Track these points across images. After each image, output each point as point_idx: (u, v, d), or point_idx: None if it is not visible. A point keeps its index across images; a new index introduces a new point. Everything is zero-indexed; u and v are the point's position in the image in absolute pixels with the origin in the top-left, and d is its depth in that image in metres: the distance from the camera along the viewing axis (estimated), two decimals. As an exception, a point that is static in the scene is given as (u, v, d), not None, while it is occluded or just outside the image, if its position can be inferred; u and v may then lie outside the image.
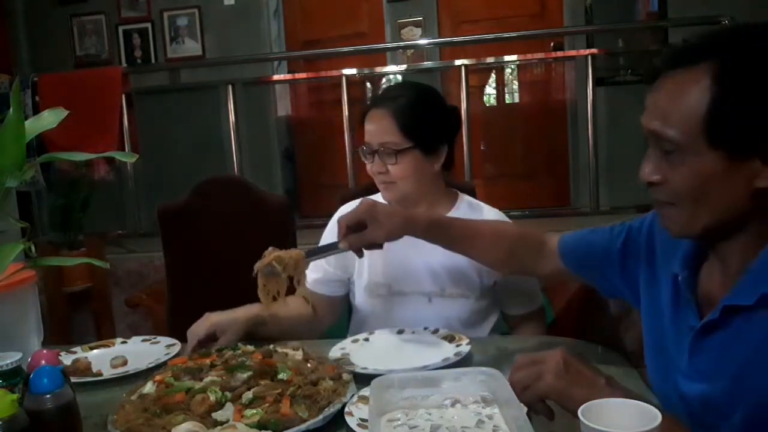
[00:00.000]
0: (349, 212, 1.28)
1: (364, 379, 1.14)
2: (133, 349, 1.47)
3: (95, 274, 3.38)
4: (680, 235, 0.95)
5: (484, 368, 0.98)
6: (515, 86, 4.18)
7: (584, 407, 0.74)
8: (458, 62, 3.53)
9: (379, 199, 1.48)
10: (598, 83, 3.41)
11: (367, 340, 1.43)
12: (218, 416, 1.02)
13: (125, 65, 4.25)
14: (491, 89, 4.19)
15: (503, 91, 4.20)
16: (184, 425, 0.95)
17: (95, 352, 1.47)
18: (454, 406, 0.95)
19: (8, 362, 0.94)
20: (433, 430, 0.90)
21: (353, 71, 3.67)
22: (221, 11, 4.17)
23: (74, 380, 1.10)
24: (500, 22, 3.91)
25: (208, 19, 4.20)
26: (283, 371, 1.14)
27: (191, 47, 4.24)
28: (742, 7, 3.23)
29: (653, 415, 0.72)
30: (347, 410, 1.05)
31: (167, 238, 2.18)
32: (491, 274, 1.50)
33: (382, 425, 0.90)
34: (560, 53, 3.89)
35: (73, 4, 4.34)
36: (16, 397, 0.83)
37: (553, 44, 3.93)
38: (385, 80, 3.99)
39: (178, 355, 1.39)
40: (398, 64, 3.99)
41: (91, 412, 1.08)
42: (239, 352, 1.25)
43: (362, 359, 1.30)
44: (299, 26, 4.31)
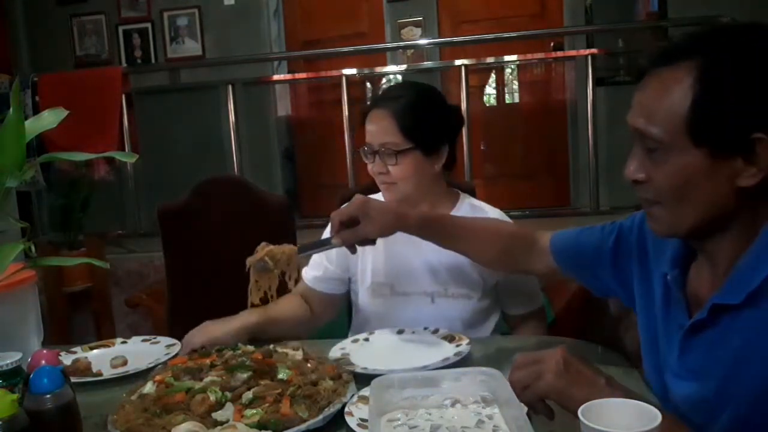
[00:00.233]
0: (342, 208, 1.28)
1: (364, 379, 1.14)
2: (133, 349, 1.47)
3: (95, 274, 3.38)
4: (667, 235, 0.95)
5: (484, 368, 0.98)
6: (515, 86, 4.18)
7: (584, 407, 0.74)
8: (458, 62, 3.53)
9: (380, 198, 1.48)
10: (598, 83, 3.41)
11: (367, 340, 1.43)
12: (218, 416, 1.03)
13: (125, 65, 4.25)
14: (491, 89, 4.19)
15: (503, 91, 4.20)
16: (184, 425, 0.96)
17: (95, 352, 1.48)
18: (454, 406, 0.95)
19: (8, 362, 0.94)
20: (433, 430, 0.90)
21: (353, 71, 3.67)
22: (221, 11, 4.17)
23: (74, 380, 1.10)
24: (500, 22, 3.91)
25: (208, 19, 4.20)
26: (283, 371, 1.14)
27: (191, 47, 4.24)
28: (742, 7, 3.23)
29: (653, 415, 0.72)
30: (347, 410, 1.05)
31: (167, 238, 2.18)
32: (493, 273, 1.50)
33: (382, 425, 0.90)
34: (560, 53, 3.88)
35: (73, 4, 4.34)
36: (16, 397, 0.83)
37: (553, 44, 3.93)
38: (385, 80, 3.99)
39: (177, 355, 1.39)
40: (398, 64, 3.99)
41: (91, 412, 1.08)
42: (239, 352, 1.25)
43: (362, 359, 1.30)
44: (299, 26, 4.30)
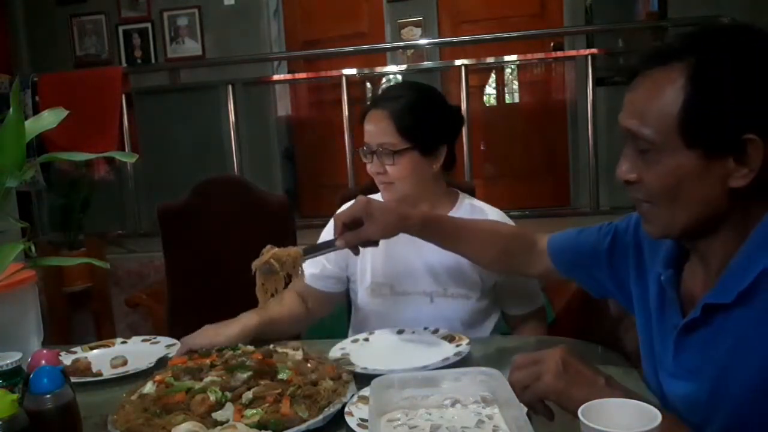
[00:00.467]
0: (345, 209, 1.28)
1: (364, 379, 1.14)
2: (133, 349, 1.47)
3: (95, 274, 3.38)
4: (660, 236, 0.95)
5: (484, 368, 0.98)
6: (515, 86, 4.18)
7: (584, 407, 0.74)
8: (458, 62, 3.53)
9: (379, 198, 1.48)
10: (598, 83, 3.40)
11: (367, 340, 1.43)
12: (218, 416, 1.02)
13: (125, 65, 4.25)
14: (491, 89, 4.19)
15: (503, 91, 4.20)
16: (184, 425, 0.95)
17: (95, 352, 1.48)
18: (454, 406, 0.95)
19: (8, 362, 0.94)
20: (433, 430, 0.90)
21: (353, 71, 3.67)
22: (221, 11, 4.17)
23: (74, 380, 1.10)
24: (500, 22, 3.91)
25: (208, 19, 4.20)
26: (283, 371, 1.14)
27: (191, 47, 4.24)
28: (742, 7, 3.23)
29: (653, 415, 0.72)
30: (347, 410, 1.05)
31: (167, 238, 2.18)
32: (492, 274, 1.50)
33: (382, 425, 0.90)
34: (560, 53, 3.89)
35: (73, 4, 4.34)
36: (16, 397, 0.83)
37: (553, 44, 3.93)
38: (385, 80, 3.99)
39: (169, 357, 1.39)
40: (398, 64, 3.99)
41: (91, 412, 1.08)
42: (239, 352, 1.25)
43: (362, 359, 1.30)
44: (299, 26, 4.31)
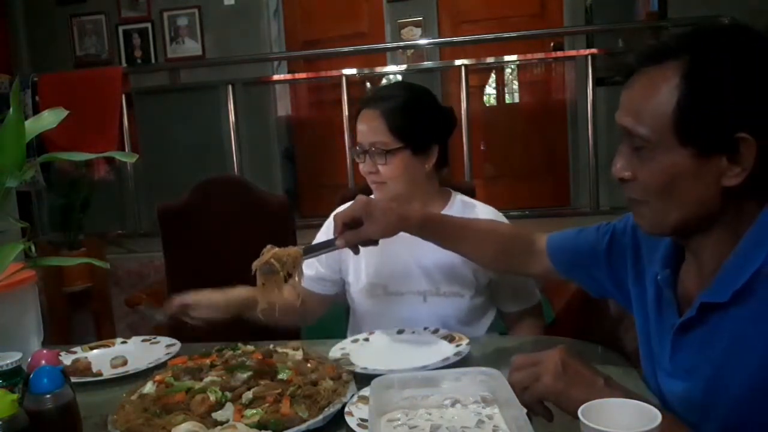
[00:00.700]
0: (344, 209, 1.28)
1: (364, 379, 1.14)
2: (133, 349, 1.48)
3: (95, 274, 3.38)
4: (652, 232, 0.95)
5: (484, 368, 0.98)
6: (515, 86, 4.18)
7: (584, 407, 0.74)
8: (458, 62, 3.53)
9: None
10: (598, 83, 3.40)
11: (367, 340, 1.43)
12: (218, 416, 1.02)
13: (125, 65, 4.25)
14: (491, 89, 4.19)
15: (503, 91, 4.20)
16: (184, 425, 0.95)
17: (95, 352, 1.48)
18: (454, 406, 0.95)
19: (8, 362, 0.94)
20: (433, 430, 0.90)
21: (353, 71, 3.67)
22: (221, 11, 4.17)
23: (74, 380, 1.10)
24: (500, 22, 3.91)
25: (208, 19, 4.20)
26: (283, 371, 1.14)
27: (191, 47, 4.24)
28: (742, 7, 3.23)
29: (653, 415, 0.72)
30: (347, 410, 1.05)
31: (167, 238, 2.18)
32: (486, 272, 1.51)
33: (382, 425, 0.90)
34: (560, 53, 3.89)
35: (73, 4, 4.34)
36: (16, 397, 0.83)
37: (553, 44, 3.93)
38: (385, 80, 3.99)
39: (177, 355, 1.39)
40: (398, 64, 3.99)
41: (91, 412, 1.08)
42: (239, 352, 1.25)
43: (362, 359, 1.30)
44: (299, 26, 4.30)
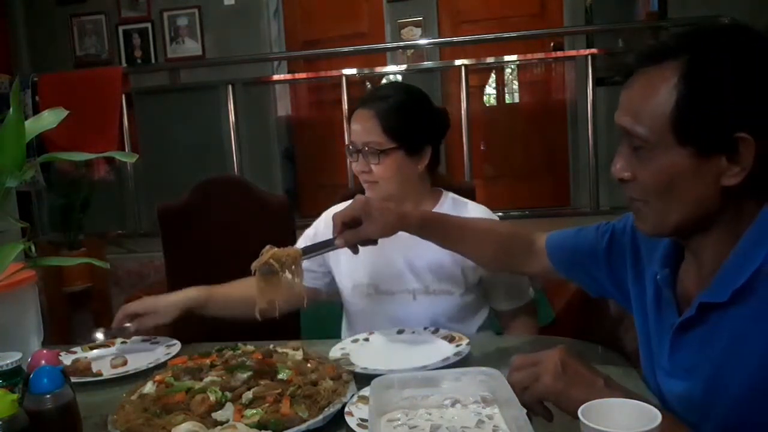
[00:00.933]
0: (344, 209, 1.28)
1: (364, 379, 1.14)
2: (133, 349, 1.48)
3: (95, 274, 3.38)
4: (652, 233, 0.95)
5: (484, 368, 0.98)
6: (515, 86, 4.18)
7: (584, 407, 0.74)
8: (458, 62, 3.53)
9: None
10: (598, 83, 3.40)
11: (367, 340, 1.43)
12: (218, 416, 1.02)
13: (125, 65, 4.25)
14: (491, 89, 4.19)
15: (503, 91, 4.19)
16: (184, 425, 0.95)
17: (95, 352, 1.48)
18: (454, 406, 0.95)
19: (8, 362, 0.94)
20: (433, 430, 0.90)
21: (353, 71, 3.67)
22: (221, 11, 4.16)
23: (74, 380, 1.10)
24: (500, 22, 3.91)
25: (208, 19, 4.19)
26: (283, 371, 1.14)
27: (191, 47, 4.24)
28: (742, 7, 3.23)
29: (653, 415, 0.72)
30: (347, 410, 1.05)
31: (167, 238, 2.18)
32: (476, 269, 1.51)
33: (382, 425, 0.90)
34: (560, 53, 3.88)
35: (73, 4, 4.34)
36: (16, 397, 0.83)
37: (553, 44, 3.93)
38: (385, 80, 3.99)
39: (177, 355, 1.39)
40: (398, 64, 3.98)
41: (91, 412, 1.08)
42: (239, 352, 1.25)
43: (362, 359, 1.30)
44: (299, 26, 4.30)
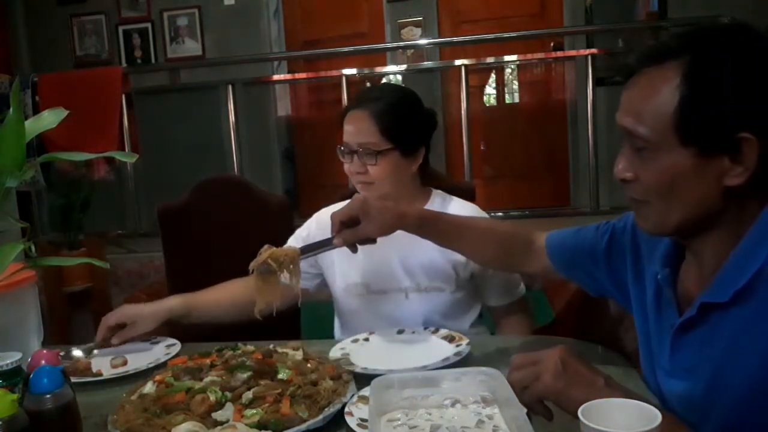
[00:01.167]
0: (342, 208, 1.28)
1: (364, 379, 1.14)
2: (133, 349, 1.48)
3: (95, 274, 3.38)
4: (653, 233, 0.95)
5: (484, 368, 0.98)
6: (515, 86, 4.18)
7: (584, 407, 0.74)
8: (458, 62, 3.53)
9: None
10: (598, 83, 3.41)
11: (367, 340, 1.43)
12: (218, 416, 1.02)
13: (125, 65, 4.25)
14: (491, 89, 4.19)
15: (503, 91, 4.20)
16: (184, 425, 0.95)
17: (95, 352, 1.48)
18: (454, 406, 0.95)
19: (8, 362, 0.94)
20: (433, 430, 0.90)
21: (353, 71, 3.67)
22: (221, 11, 4.17)
23: (74, 380, 1.09)
24: (500, 22, 3.91)
25: (208, 19, 4.20)
26: (283, 371, 1.14)
27: (191, 47, 4.24)
28: (742, 7, 3.23)
29: (653, 415, 0.72)
30: (347, 410, 1.05)
31: (167, 238, 2.18)
32: (468, 266, 1.51)
33: (382, 425, 0.90)
34: (560, 53, 3.89)
35: (73, 4, 4.34)
36: (16, 397, 0.83)
37: (553, 44, 3.93)
38: (385, 80, 3.99)
39: (177, 355, 1.39)
40: (398, 64, 3.99)
41: (91, 412, 1.08)
42: (239, 352, 1.25)
43: (362, 359, 1.29)
44: (299, 26, 4.31)
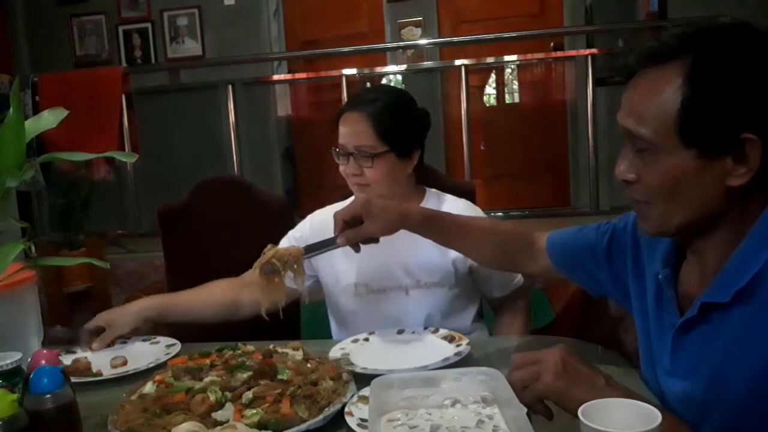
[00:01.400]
0: (344, 207, 1.28)
1: (364, 379, 1.14)
2: (133, 349, 1.48)
3: (95, 274, 3.38)
4: (655, 233, 0.95)
5: (484, 368, 0.98)
6: (515, 86, 4.18)
7: (584, 407, 0.74)
8: (458, 62, 3.53)
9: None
10: (598, 83, 3.41)
11: (367, 340, 1.43)
12: (218, 416, 1.02)
13: (125, 65, 4.25)
14: (491, 89, 4.19)
15: (503, 91, 4.20)
16: (184, 425, 0.95)
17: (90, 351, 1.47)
18: (454, 406, 0.95)
19: (8, 362, 0.93)
20: (433, 430, 0.90)
21: (353, 71, 3.67)
22: (221, 11, 4.17)
23: (74, 380, 1.09)
24: (500, 22, 3.91)
25: (208, 19, 4.20)
26: (283, 371, 1.14)
27: (191, 47, 4.24)
28: (742, 7, 3.23)
29: (653, 415, 0.72)
30: (347, 410, 1.05)
31: (167, 238, 2.18)
32: (466, 261, 1.51)
33: (382, 425, 0.90)
34: (560, 53, 3.89)
35: (73, 4, 4.34)
36: (16, 397, 0.83)
37: (553, 44, 3.93)
38: (385, 80, 4.00)
39: (177, 355, 1.39)
40: (398, 64, 3.99)
41: (91, 412, 1.08)
42: (239, 352, 1.25)
43: (362, 359, 1.30)
44: (299, 26, 4.31)
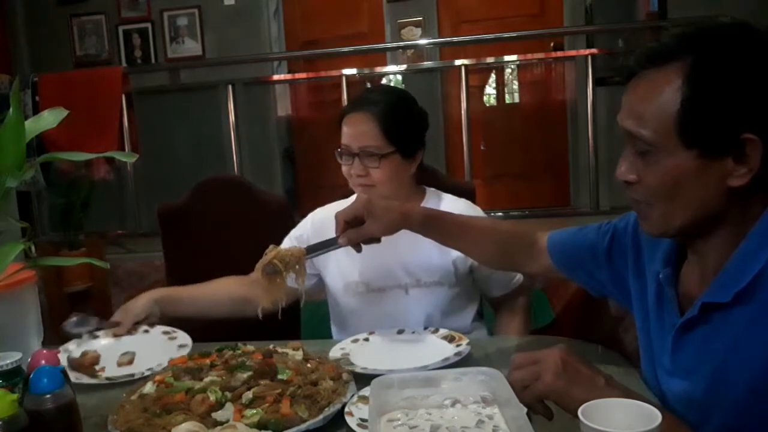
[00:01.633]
0: (346, 207, 1.28)
1: (364, 379, 1.14)
2: (147, 343, 1.42)
3: (95, 274, 3.38)
4: (656, 234, 0.95)
5: (484, 368, 0.98)
6: (515, 86, 4.18)
7: (584, 407, 0.74)
8: (458, 62, 3.53)
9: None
10: (598, 83, 3.41)
11: (367, 340, 1.43)
12: (218, 416, 1.02)
13: (125, 65, 4.26)
14: (491, 89, 4.19)
15: (503, 91, 4.20)
16: (184, 425, 0.95)
17: (106, 342, 1.43)
18: (454, 406, 0.95)
19: (8, 362, 0.93)
20: (433, 430, 0.90)
21: (353, 71, 3.67)
22: (221, 11, 4.17)
23: (74, 380, 1.10)
24: (500, 22, 3.91)
25: (208, 19, 4.20)
26: (283, 371, 1.14)
27: (191, 47, 4.24)
28: (742, 7, 3.23)
29: (653, 415, 0.72)
30: (347, 410, 1.05)
31: (167, 238, 2.18)
32: (466, 260, 1.51)
33: (382, 425, 0.90)
34: (560, 53, 3.89)
35: (73, 4, 4.34)
36: (16, 397, 0.83)
37: (553, 44, 3.93)
38: (385, 80, 4.00)
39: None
40: (398, 64, 3.99)
41: (91, 412, 1.08)
42: (239, 352, 1.25)
43: (362, 359, 1.30)
44: (299, 26, 4.31)
